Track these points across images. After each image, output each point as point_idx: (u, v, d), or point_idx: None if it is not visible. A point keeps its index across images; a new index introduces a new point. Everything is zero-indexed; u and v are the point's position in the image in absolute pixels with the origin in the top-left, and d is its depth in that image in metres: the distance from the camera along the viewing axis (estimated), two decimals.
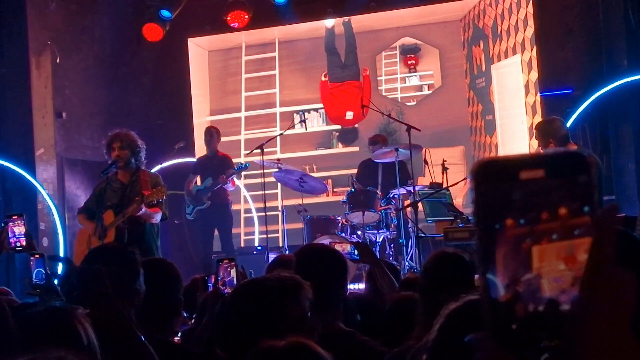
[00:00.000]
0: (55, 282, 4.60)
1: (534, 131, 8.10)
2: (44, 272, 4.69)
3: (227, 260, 4.26)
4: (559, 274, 0.96)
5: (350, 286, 7.82)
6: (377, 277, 4.79)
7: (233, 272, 4.23)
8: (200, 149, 11.35)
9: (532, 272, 0.96)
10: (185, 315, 4.58)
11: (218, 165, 10.36)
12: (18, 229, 5.04)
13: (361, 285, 5.38)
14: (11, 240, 5.02)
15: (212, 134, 10.63)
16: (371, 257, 5.03)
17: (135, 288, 3.53)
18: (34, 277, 4.73)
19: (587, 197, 0.94)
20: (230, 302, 3.01)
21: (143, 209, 7.20)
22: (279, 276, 3.07)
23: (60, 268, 6.81)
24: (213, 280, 4.30)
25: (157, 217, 7.48)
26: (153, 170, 9.51)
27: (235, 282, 4.15)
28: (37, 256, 4.80)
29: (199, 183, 10.61)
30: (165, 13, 11.60)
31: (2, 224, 5.13)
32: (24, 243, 5.05)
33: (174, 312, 3.94)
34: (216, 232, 10.68)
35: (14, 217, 5.08)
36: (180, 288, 3.99)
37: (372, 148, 10.38)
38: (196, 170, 10.69)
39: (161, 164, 11.40)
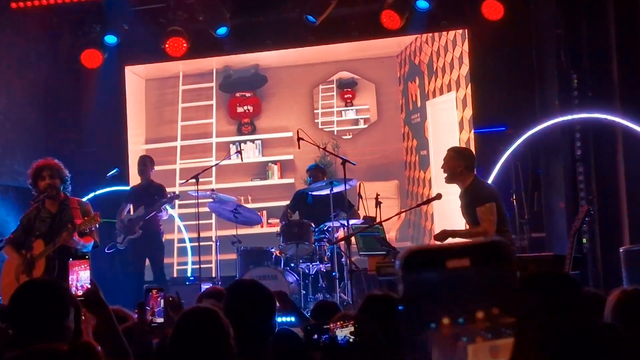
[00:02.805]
0: None
1: (448, 152, 7.87)
2: None
3: (156, 290, 4.20)
4: None
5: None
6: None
7: (162, 302, 4.17)
8: (135, 177, 11.24)
9: None
10: None
11: (153, 195, 10.29)
12: None
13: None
14: None
15: (145, 162, 10.57)
16: (285, 304, 4.94)
17: (65, 325, 3.38)
18: None
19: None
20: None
21: (75, 238, 7.16)
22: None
23: None
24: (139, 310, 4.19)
25: (89, 246, 7.42)
26: (86, 199, 9.40)
27: (163, 312, 4.10)
28: None
29: (131, 212, 10.52)
30: (110, 39, 11.47)
31: None
32: None
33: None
34: (147, 262, 10.58)
35: None
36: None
37: (310, 180, 10.43)
38: (130, 199, 10.59)
39: (95, 191, 11.26)
